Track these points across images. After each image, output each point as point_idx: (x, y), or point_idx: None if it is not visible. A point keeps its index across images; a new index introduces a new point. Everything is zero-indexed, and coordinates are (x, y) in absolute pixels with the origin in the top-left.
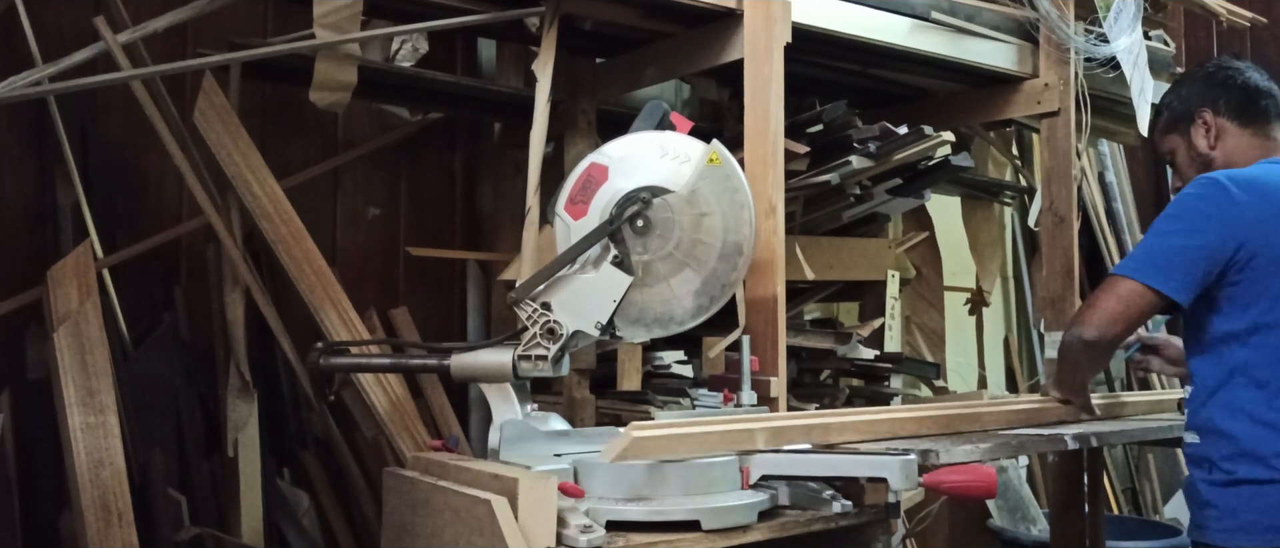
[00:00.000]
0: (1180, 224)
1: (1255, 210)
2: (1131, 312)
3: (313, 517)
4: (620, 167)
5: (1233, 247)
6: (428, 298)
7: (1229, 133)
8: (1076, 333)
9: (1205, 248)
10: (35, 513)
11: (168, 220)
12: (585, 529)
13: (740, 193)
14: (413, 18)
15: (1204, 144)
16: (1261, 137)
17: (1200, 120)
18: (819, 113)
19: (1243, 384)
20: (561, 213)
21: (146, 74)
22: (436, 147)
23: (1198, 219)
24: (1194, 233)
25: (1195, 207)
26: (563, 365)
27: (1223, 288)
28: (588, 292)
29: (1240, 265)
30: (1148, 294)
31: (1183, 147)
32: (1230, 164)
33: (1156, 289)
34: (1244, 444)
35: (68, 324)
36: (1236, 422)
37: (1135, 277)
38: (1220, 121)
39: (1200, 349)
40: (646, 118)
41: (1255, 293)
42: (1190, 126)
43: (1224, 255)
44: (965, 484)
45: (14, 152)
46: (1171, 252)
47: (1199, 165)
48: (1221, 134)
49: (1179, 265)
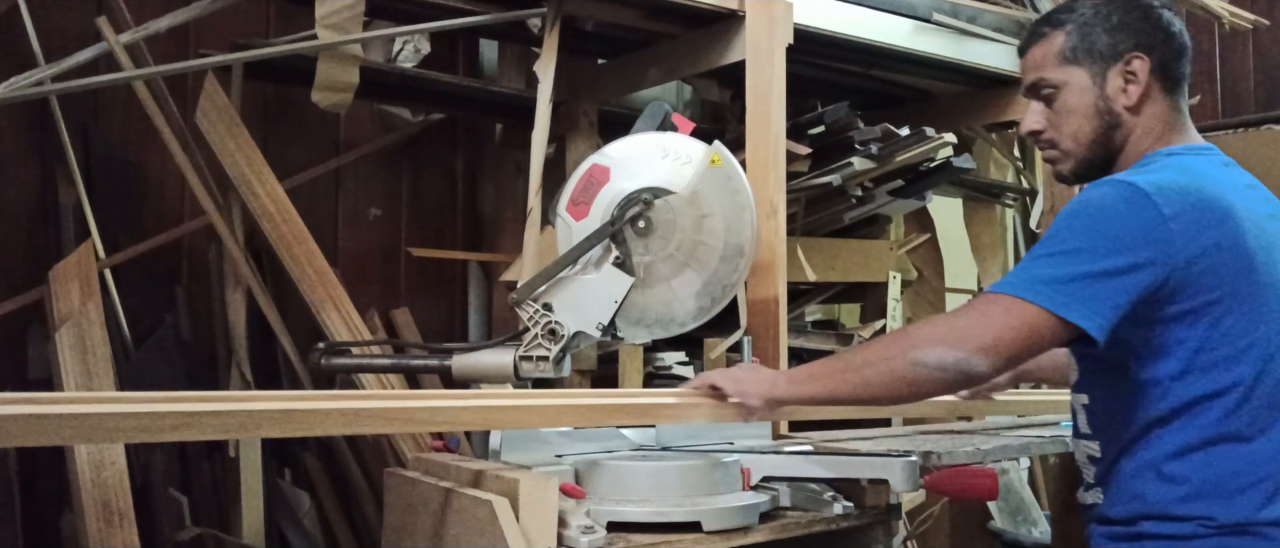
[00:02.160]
0: (1107, 242)
1: (1186, 238)
2: (1033, 349)
3: (314, 517)
4: (622, 168)
5: (1158, 281)
6: (429, 299)
7: (1152, 96)
8: (955, 358)
9: (1137, 281)
10: (36, 513)
11: (169, 221)
12: (586, 530)
13: (742, 194)
14: (415, 19)
15: (1122, 100)
16: (1176, 110)
17: (1128, 66)
18: (821, 114)
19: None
20: (563, 214)
21: (148, 74)
22: (438, 147)
23: (1129, 238)
24: (1124, 253)
25: (1125, 221)
26: (564, 366)
27: (1141, 326)
28: (589, 293)
29: (1163, 303)
30: (1058, 330)
31: (1084, 89)
32: (1135, 133)
33: (1073, 323)
34: (1151, 503)
35: (69, 324)
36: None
37: (1049, 306)
38: (1151, 78)
39: (1114, 394)
40: (648, 119)
41: (1182, 336)
42: (1109, 68)
43: (1150, 292)
44: (966, 486)
45: (16, 152)
46: (1097, 277)
47: (1098, 124)
48: (1147, 92)
49: (1106, 297)
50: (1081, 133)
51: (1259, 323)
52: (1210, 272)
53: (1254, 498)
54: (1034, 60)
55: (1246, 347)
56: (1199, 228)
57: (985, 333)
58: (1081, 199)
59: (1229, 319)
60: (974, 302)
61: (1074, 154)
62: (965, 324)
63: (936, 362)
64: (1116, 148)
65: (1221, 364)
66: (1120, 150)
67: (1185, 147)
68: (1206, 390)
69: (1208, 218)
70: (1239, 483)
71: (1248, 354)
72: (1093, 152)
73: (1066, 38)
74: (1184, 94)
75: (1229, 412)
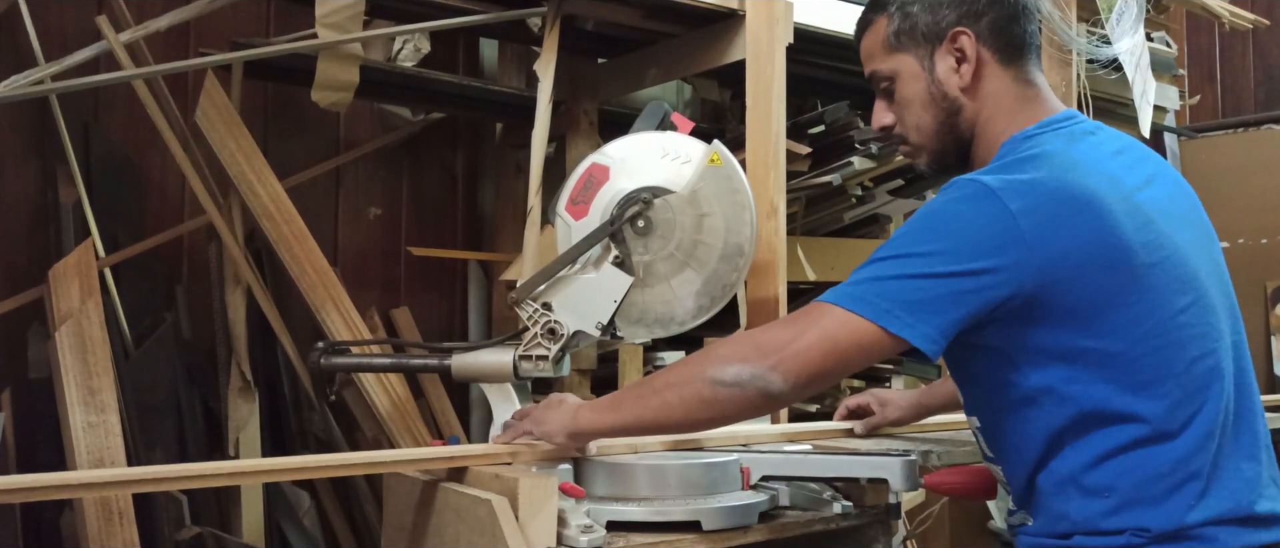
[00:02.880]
0: (946, 245)
1: (1042, 237)
2: (848, 362)
3: (314, 516)
4: (621, 167)
5: (1013, 289)
6: (429, 298)
7: (989, 69)
8: (751, 374)
9: (980, 288)
10: (36, 512)
11: (169, 220)
12: (586, 530)
13: (742, 194)
14: (415, 18)
15: (955, 83)
16: (1023, 81)
17: (954, 44)
18: (821, 113)
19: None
20: (562, 213)
21: (148, 73)
22: (438, 146)
23: (973, 242)
24: (966, 258)
25: (967, 223)
26: (564, 366)
27: (1016, 334)
28: (589, 292)
29: (1033, 309)
30: (882, 341)
31: (915, 77)
32: (982, 116)
33: (897, 335)
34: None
35: (69, 323)
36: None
37: (869, 315)
38: (981, 52)
39: (1006, 410)
40: (648, 118)
41: (1068, 339)
42: (935, 50)
43: (1004, 300)
44: (966, 486)
45: (16, 150)
46: (927, 282)
47: (937, 112)
48: (980, 70)
49: (937, 305)
50: (923, 124)
51: (1151, 311)
52: (1082, 269)
53: (1185, 499)
54: (866, 51)
55: (1141, 338)
56: (1056, 223)
57: (787, 347)
58: (928, 203)
59: (1116, 313)
60: (795, 312)
61: (925, 147)
62: (768, 338)
63: (733, 379)
64: (965, 135)
65: (1121, 362)
66: (971, 137)
67: (1042, 123)
68: (1111, 391)
69: (1066, 210)
70: (1166, 485)
71: (1147, 346)
72: (941, 142)
73: (888, 22)
74: (1031, 57)
75: (1141, 411)
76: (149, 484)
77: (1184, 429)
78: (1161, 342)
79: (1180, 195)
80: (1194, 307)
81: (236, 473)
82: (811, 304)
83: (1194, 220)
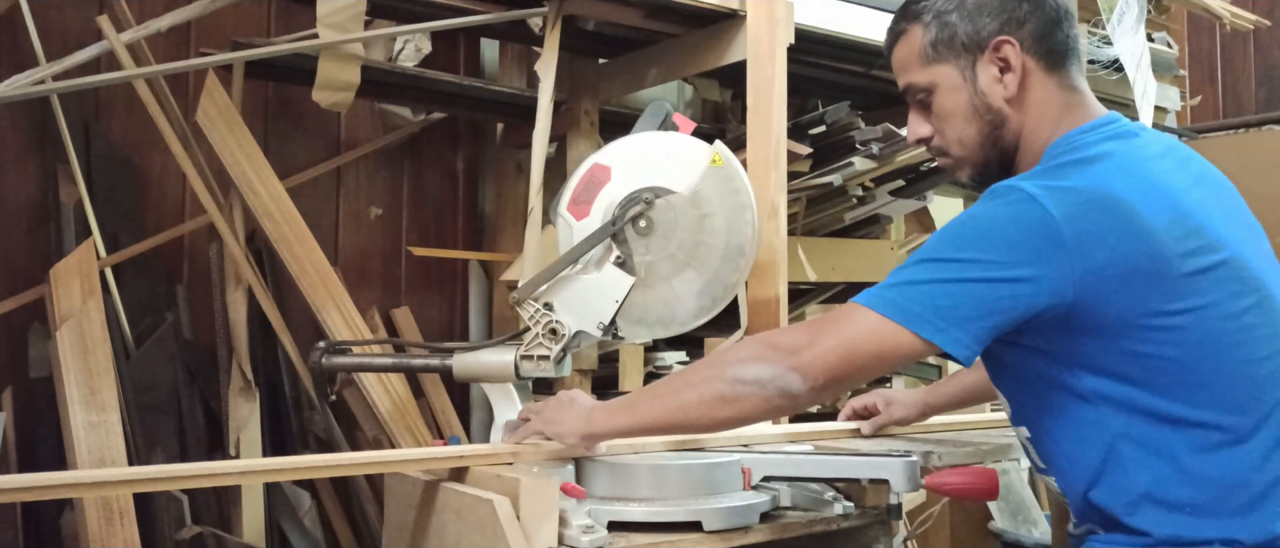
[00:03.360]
0: (984, 250)
1: (1085, 246)
2: (869, 365)
3: (314, 516)
4: (623, 167)
5: (1053, 299)
6: (429, 298)
7: (1034, 78)
8: (771, 374)
9: (1016, 295)
10: (37, 512)
11: (170, 219)
12: (587, 530)
13: (743, 194)
14: (416, 18)
15: (1000, 93)
16: (1067, 88)
17: (997, 53)
18: (822, 114)
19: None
20: (564, 213)
21: (149, 73)
22: (439, 146)
23: (1011, 248)
24: (1004, 264)
25: (1007, 229)
26: (565, 366)
27: (1042, 335)
28: (590, 292)
29: (1075, 318)
30: (913, 345)
31: (956, 89)
32: (1027, 127)
33: (928, 340)
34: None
35: (70, 323)
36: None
37: (899, 319)
38: (1026, 60)
39: (1051, 406)
40: (649, 119)
41: (1115, 347)
42: (977, 60)
43: (1035, 309)
44: (967, 486)
45: (17, 150)
46: (962, 287)
47: (981, 125)
48: (1026, 79)
49: (971, 311)
50: (966, 137)
51: (1202, 320)
52: (1123, 282)
53: (1273, 506)
54: (899, 62)
55: (1196, 344)
56: (1100, 232)
57: (809, 348)
58: (969, 209)
59: (1163, 323)
60: (825, 314)
61: (968, 160)
62: (793, 338)
63: (753, 378)
64: (1010, 146)
65: (1175, 367)
66: (1016, 147)
67: (1085, 127)
68: (1168, 398)
69: (1109, 220)
70: (1249, 494)
71: (1202, 351)
72: (984, 153)
73: (924, 32)
74: (1074, 62)
75: (1204, 417)
76: (149, 484)
77: (1256, 432)
78: (1219, 345)
79: (1227, 194)
80: (1258, 307)
81: (237, 473)
82: (842, 306)
83: (1243, 219)
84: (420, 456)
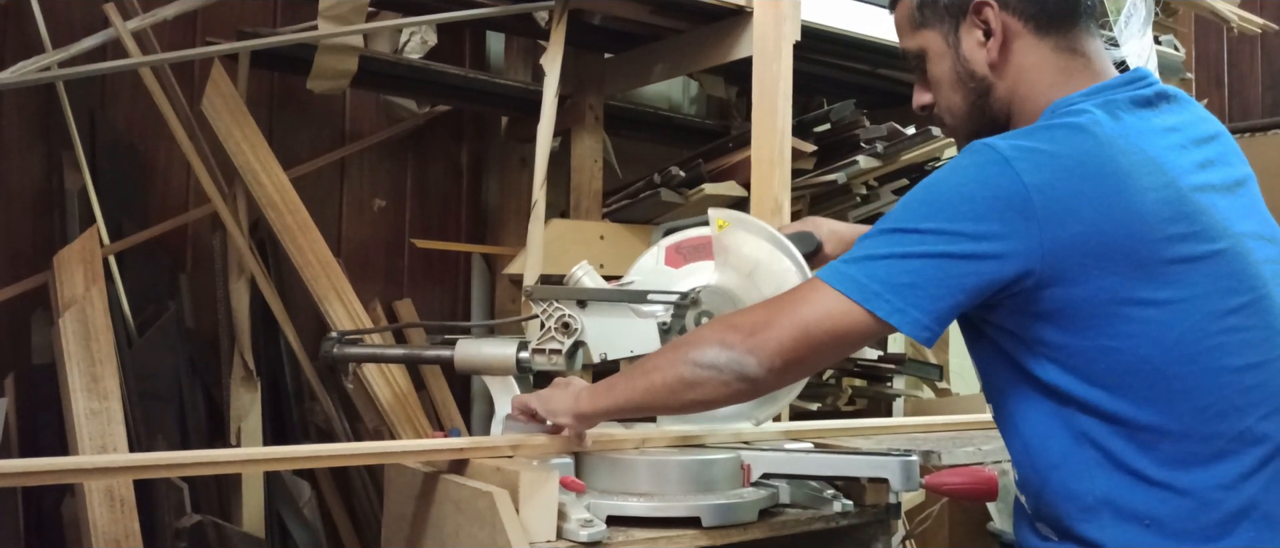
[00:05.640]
0: (947, 218)
1: (1057, 214)
2: (826, 347)
3: (314, 507)
4: (726, 259)
5: (1013, 273)
6: (432, 290)
7: (1021, 42)
8: (727, 358)
9: (980, 268)
10: (38, 497)
11: (174, 208)
12: (586, 523)
13: (790, 275)
14: (421, 10)
15: (982, 59)
16: (1066, 51)
17: (979, 16)
18: (826, 112)
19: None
20: (663, 243)
21: (155, 62)
22: (443, 139)
23: (976, 215)
24: (968, 234)
25: (973, 194)
26: (577, 361)
27: (1008, 313)
28: (618, 328)
29: (1026, 295)
30: (869, 325)
31: (941, 56)
32: (1017, 94)
33: (884, 320)
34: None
35: (73, 310)
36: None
37: (856, 297)
38: (1009, 22)
39: (1013, 391)
40: (801, 241)
41: (1065, 334)
42: (960, 22)
43: (999, 283)
44: (966, 487)
45: (22, 137)
46: (922, 261)
47: (966, 93)
48: (1010, 43)
49: (931, 286)
50: (954, 106)
51: (1186, 314)
52: (1099, 261)
53: (1245, 535)
54: (896, 26)
55: (1173, 343)
56: (1075, 203)
57: (765, 329)
58: (939, 169)
59: (1139, 314)
60: (789, 290)
61: (960, 130)
62: (748, 319)
63: (711, 362)
64: (1000, 115)
65: (1147, 368)
66: (1007, 117)
67: (1087, 91)
68: (1135, 400)
69: (1088, 190)
70: (1218, 515)
71: (1179, 352)
72: (974, 124)
73: None
74: (1079, 22)
75: (1172, 426)
76: (150, 471)
77: (1234, 450)
78: (1198, 348)
79: (1247, 188)
80: (1250, 309)
81: (237, 462)
82: (805, 282)
83: (1258, 212)
84: (420, 447)
